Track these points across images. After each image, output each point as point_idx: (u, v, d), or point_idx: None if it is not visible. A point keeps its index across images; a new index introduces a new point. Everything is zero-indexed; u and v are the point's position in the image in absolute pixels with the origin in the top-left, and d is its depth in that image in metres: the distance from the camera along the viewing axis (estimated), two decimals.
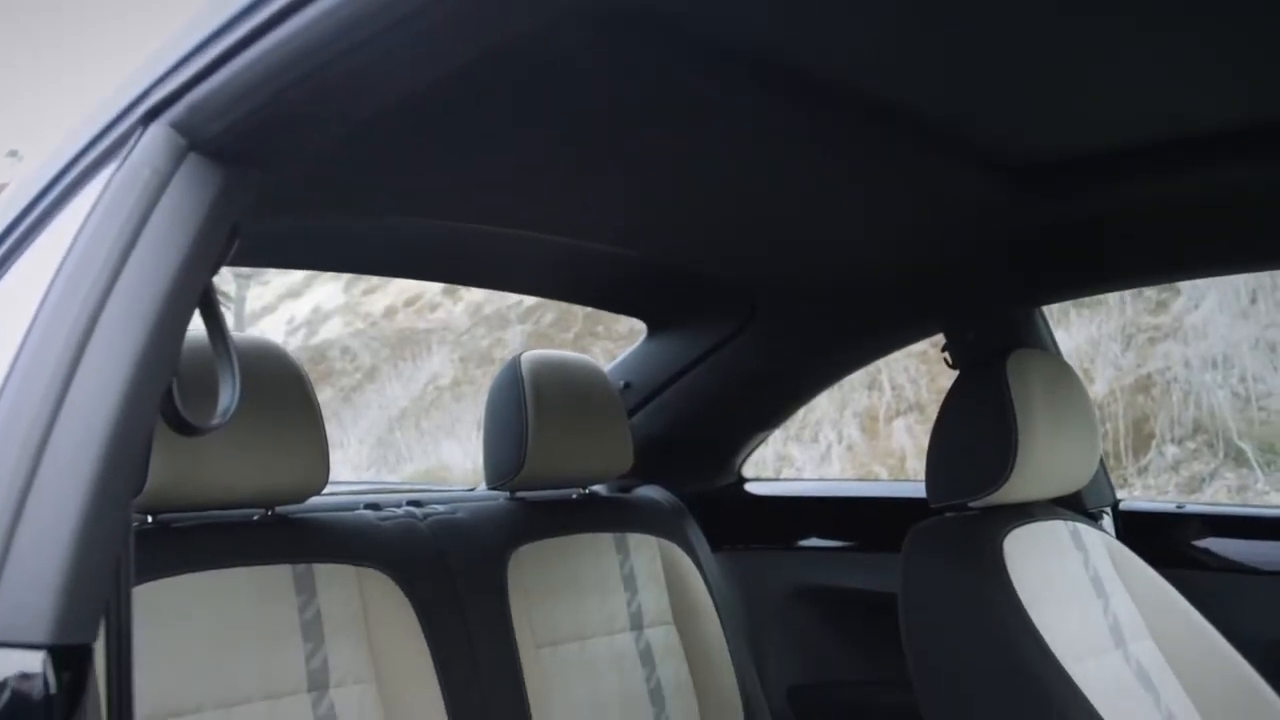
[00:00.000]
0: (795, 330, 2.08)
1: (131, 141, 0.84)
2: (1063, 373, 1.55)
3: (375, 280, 14.10)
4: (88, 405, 0.73)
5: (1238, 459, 5.47)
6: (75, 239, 0.81)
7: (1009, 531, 1.47)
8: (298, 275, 15.62)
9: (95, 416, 0.72)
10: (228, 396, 0.87)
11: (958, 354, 1.88)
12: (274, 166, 0.85)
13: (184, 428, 0.82)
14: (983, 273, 1.77)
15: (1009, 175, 1.37)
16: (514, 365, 1.90)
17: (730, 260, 1.81)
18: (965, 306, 1.91)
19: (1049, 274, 1.78)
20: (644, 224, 1.62)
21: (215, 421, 0.86)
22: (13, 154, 18.31)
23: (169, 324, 0.77)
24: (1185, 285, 6.49)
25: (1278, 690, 1.51)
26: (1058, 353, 1.96)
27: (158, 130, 0.82)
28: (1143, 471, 5.70)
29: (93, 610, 0.70)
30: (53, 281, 0.79)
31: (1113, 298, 6.65)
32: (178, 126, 0.81)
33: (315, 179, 1.31)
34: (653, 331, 2.26)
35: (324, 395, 10.83)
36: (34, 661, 0.66)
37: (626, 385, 2.25)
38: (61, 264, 0.80)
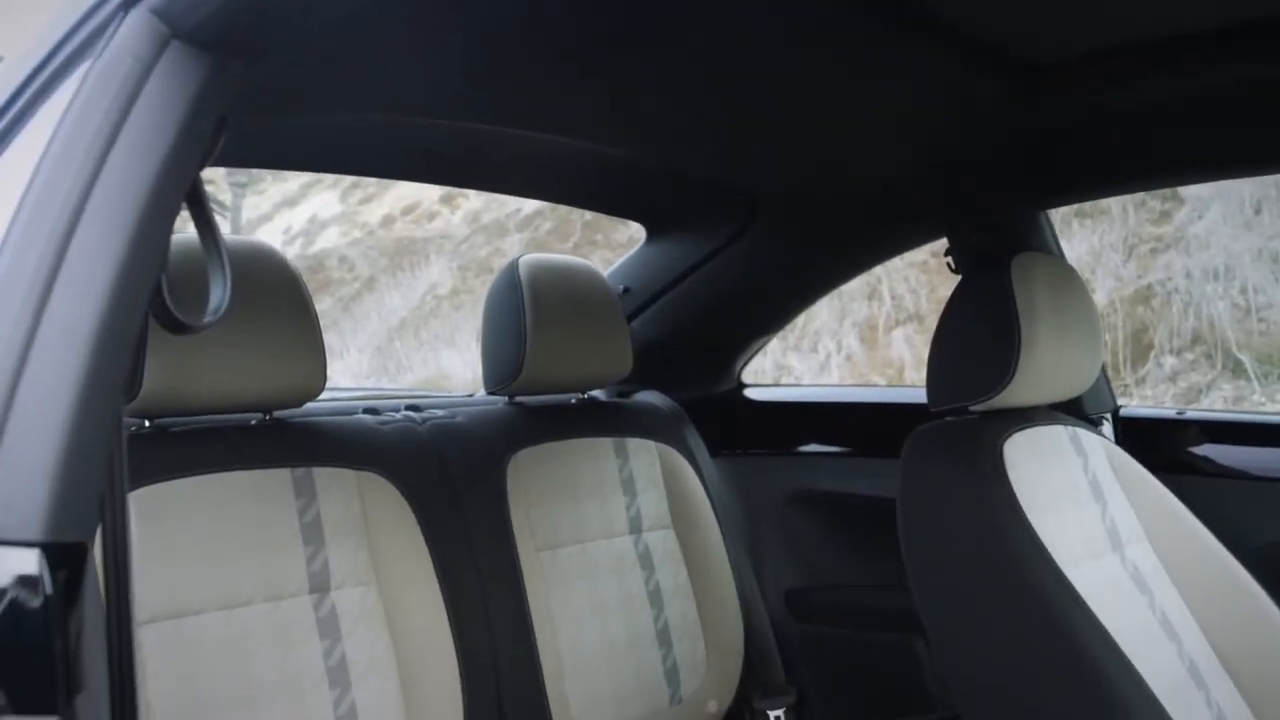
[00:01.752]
0: (797, 234, 2.06)
1: (111, 29, 0.81)
2: (1067, 276, 1.53)
3: (372, 189, 13.99)
4: (74, 300, 0.71)
5: (1235, 370, 5.48)
6: (56, 131, 0.79)
7: (1009, 436, 1.47)
8: (294, 184, 15.49)
9: (82, 311, 0.71)
10: (219, 294, 0.85)
11: (961, 259, 1.86)
12: (260, 55, 0.82)
13: (175, 326, 0.81)
14: (986, 175, 1.74)
15: (1013, 74, 1.34)
16: (512, 269, 1.88)
17: (731, 162, 1.78)
18: (969, 210, 1.89)
19: (1053, 177, 1.75)
20: (643, 125, 1.58)
21: (207, 319, 0.84)
22: None
23: (155, 218, 0.75)
24: (1190, 196, 6.44)
25: (1270, 593, 1.53)
26: (1062, 257, 1.94)
27: (138, 16, 0.79)
28: (1140, 383, 5.72)
29: (87, 507, 0.69)
30: (34, 175, 0.77)
31: (1116, 208, 6.60)
32: (159, 13, 0.79)
33: (308, 75, 1.27)
34: (652, 235, 2.23)
35: (323, 305, 10.84)
36: (29, 559, 0.65)
37: (625, 290, 2.23)
38: (43, 157, 0.78)
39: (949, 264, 1.87)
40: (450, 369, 9.09)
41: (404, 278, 11.40)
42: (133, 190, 0.74)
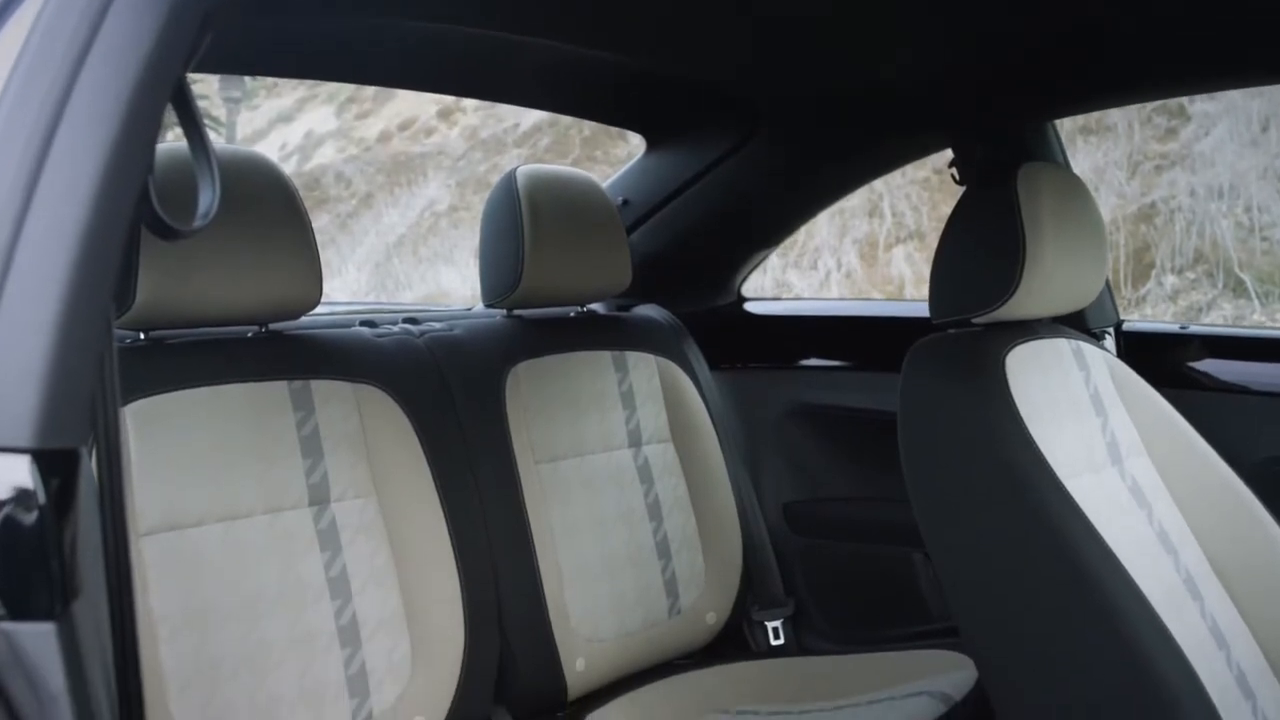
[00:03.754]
0: (799, 144, 2.03)
1: None
2: (1074, 187, 1.50)
3: (368, 104, 13.81)
4: (58, 202, 0.70)
5: (1236, 290, 5.46)
6: (32, 31, 0.76)
7: (1011, 348, 1.45)
8: (289, 99, 15.29)
9: (67, 214, 0.69)
10: (208, 198, 0.83)
11: (965, 170, 1.83)
12: None
13: (164, 231, 0.79)
14: (991, 83, 1.71)
15: None
16: (509, 179, 1.85)
17: (732, 69, 1.74)
18: (974, 120, 1.85)
19: (1060, 86, 1.71)
20: (643, 28, 1.55)
21: (197, 224, 0.82)
22: None
23: (139, 120, 0.73)
24: (1196, 113, 6.36)
25: (1268, 506, 1.53)
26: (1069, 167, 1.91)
27: None
28: (1140, 301, 5.70)
29: (78, 412, 0.68)
30: (11, 76, 0.75)
31: (1121, 124, 6.52)
32: None
33: None
34: (652, 145, 2.20)
35: (320, 222, 10.77)
36: (20, 466, 0.65)
37: (625, 202, 2.21)
38: (19, 58, 0.75)
39: (953, 175, 1.84)
40: (449, 286, 9.06)
41: (401, 194, 11.31)
42: (114, 91, 0.72)
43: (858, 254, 7.14)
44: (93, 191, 0.70)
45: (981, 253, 1.45)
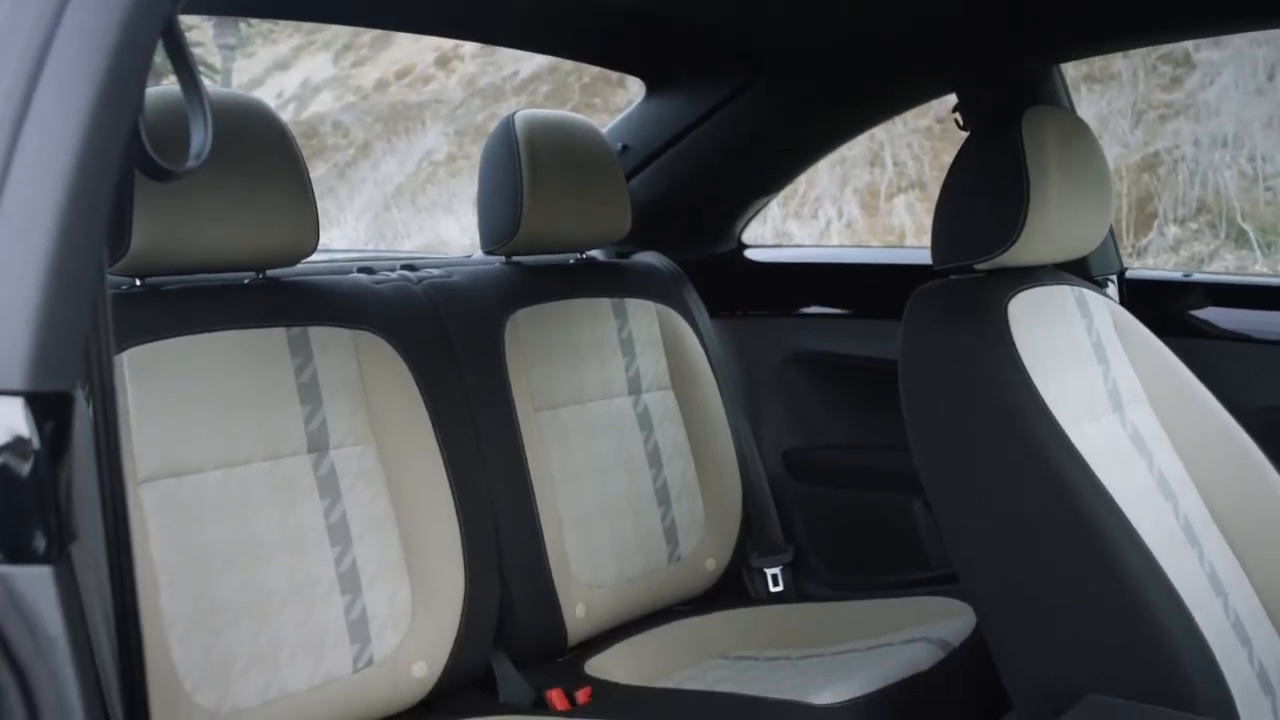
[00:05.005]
0: (801, 88, 2.00)
1: None
2: (1079, 131, 1.48)
3: (365, 51, 13.67)
4: (45, 141, 0.68)
5: (1239, 240, 5.43)
6: None
7: (1014, 295, 1.44)
8: (284, 47, 15.14)
9: (55, 152, 0.68)
10: (200, 138, 0.82)
11: (969, 115, 1.81)
12: None
13: (156, 172, 0.77)
14: (996, 26, 1.68)
15: None
16: (508, 124, 1.83)
17: (733, 12, 1.71)
18: (978, 64, 1.83)
19: (1065, 28, 1.69)
20: None
21: (189, 165, 0.81)
22: None
23: (128, 57, 0.72)
24: (1201, 61, 6.29)
25: (1269, 454, 1.53)
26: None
27: None
28: (1142, 251, 5.68)
29: (71, 355, 0.68)
30: None
31: (1125, 72, 6.45)
32: None
33: None
34: (652, 90, 2.17)
35: (318, 171, 10.71)
36: (13, 409, 0.64)
37: (624, 148, 2.18)
38: None
39: (956, 120, 1.81)
40: (448, 236, 9.02)
41: (399, 143, 11.23)
42: (103, 25, 0.71)
43: (858, 203, 7.09)
44: (82, 130, 0.69)
45: (985, 198, 1.44)
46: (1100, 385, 1.50)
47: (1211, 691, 1.21)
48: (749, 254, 2.41)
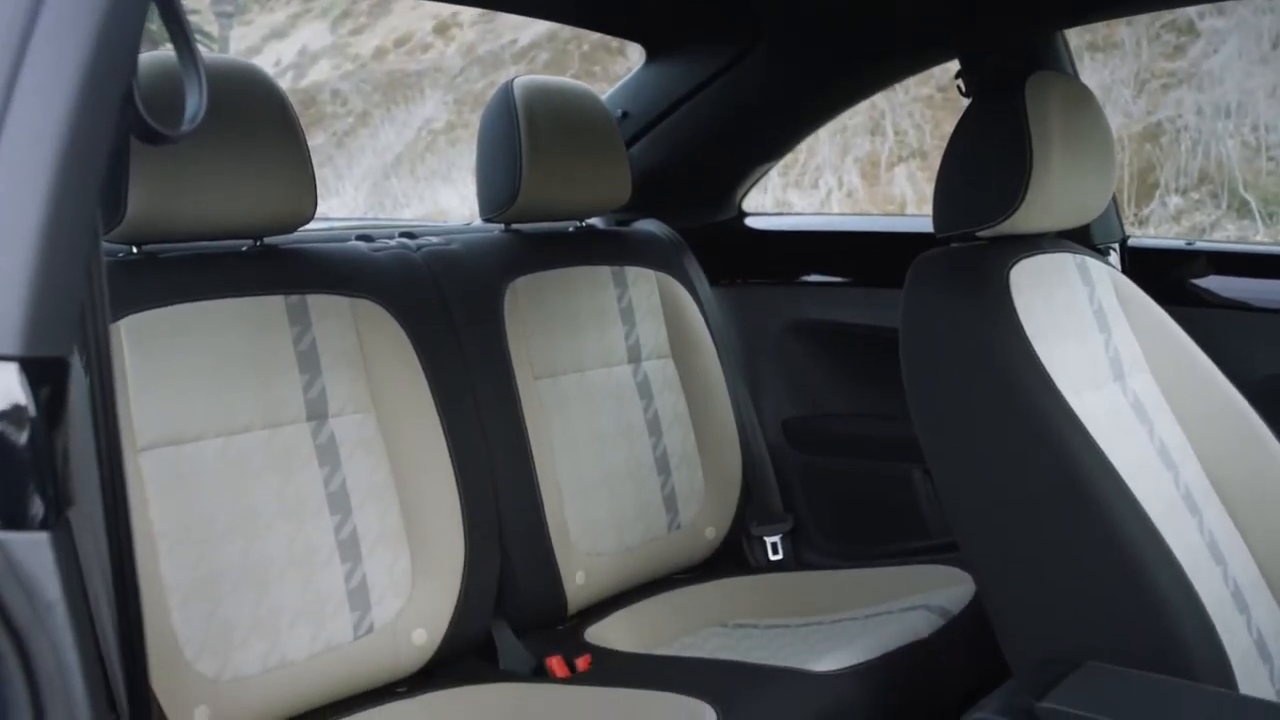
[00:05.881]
0: (803, 53, 1.98)
1: None
2: (1083, 98, 1.47)
3: (363, 18, 13.58)
4: (38, 102, 0.67)
5: (1240, 210, 5.41)
6: None
7: (1016, 262, 1.43)
8: (281, 14, 15.04)
9: (48, 115, 0.67)
10: (194, 102, 0.81)
11: (972, 81, 1.79)
12: None
13: (150, 135, 0.77)
14: None
15: None
16: (506, 90, 1.82)
17: None
18: (981, 30, 1.81)
19: None
20: None
21: (184, 128, 0.80)
22: None
23: (120, 16, 0.71)
24: (1206, 29, 6.24)
25: (1270, 423, 1.52)
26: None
27: None
28: (1143, 221, 5.65)
29: (66, 320, 0.67)
30: None
31: (1129, 40, 6.40)
32: None
33: None
34: (652, 56, 2.15)
35: (316, 140, 10.66)
36: (9, 374, 0.63)
37: (624, 114, 2.17)
38: None
39: (959, 87, 1.80)
40: (447, 206, 8.99)
41: (398, 112, 11.17)
42: None
43: (859, 173, 7.06)
44: (74, 92, 0.68)
45: (987, 164, 1.43)
46: (1102, 354, 1.50)
47: (1210, 659, 1.21)
48: (749, 222, 2.39)
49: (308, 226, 1.55)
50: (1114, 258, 1.93)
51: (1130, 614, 1.24)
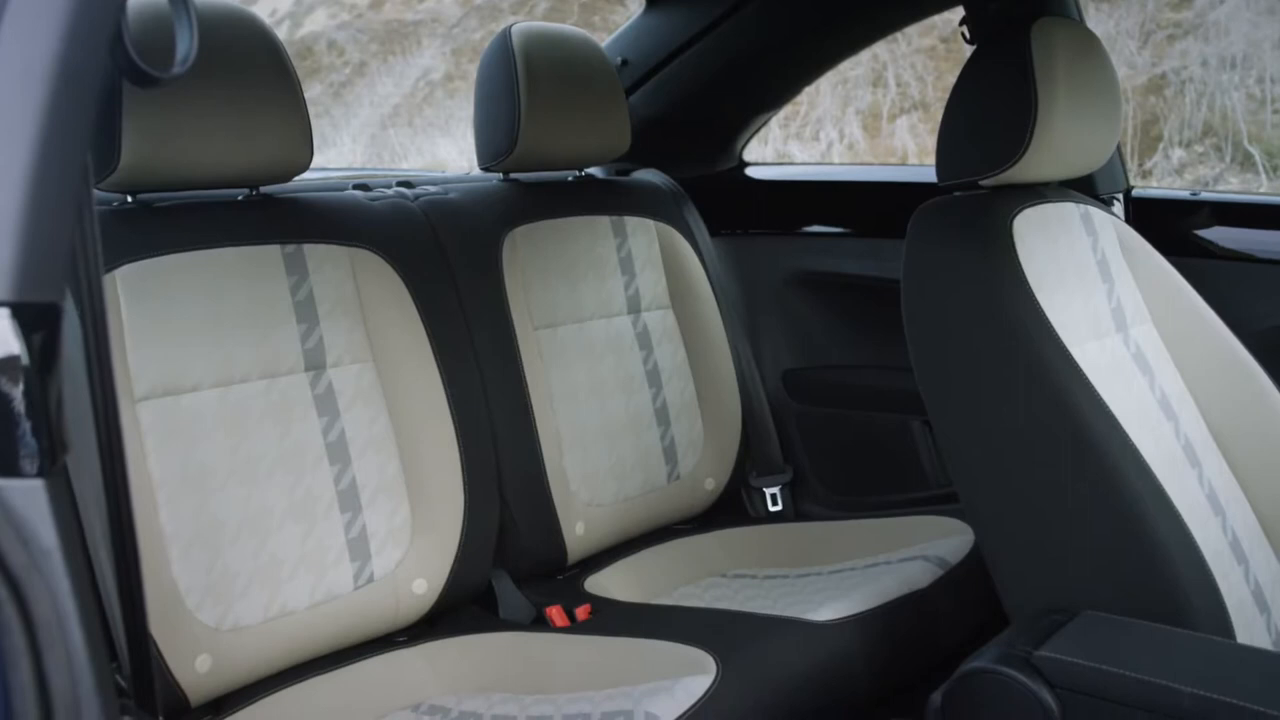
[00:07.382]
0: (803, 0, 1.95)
1: None
2: (1089, 43, 1.45)
3: None
4: (24, 42, 0.66)
5: (1244, 164, 5.38)
6: None
7: (1019, 211, 1.42)
8: None
9: (34, 51, 0.66)
10: (185, 43, 0.79)
11: (977, 27, 1.77)
12: None
13: (140, 77, 0.75)
14: None
15: None
16: (504, 37, 1.79)
17: None
18: None
19: None
20: None
21: (175, 70, 0.78)
22: None
23: None
24: None
25: (1272, 375, 1.52)
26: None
27: None
28: (1146, 175, 5.62)
29: (57, 266, 0.66)
30: None
31: None
32: None
33: None
34: (652, 3, 2.12)
35: (312, 91, 10.57)
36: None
37: (624, 62, 2.14)
38: None
39: (963, 33, 1.77)
40: (446, 157, 8.94)
41: (396, 63, 11.07)
42: None
43: (860, 125, 7.01)
44: (61, 31, 0.66)
45: (991, 111, 1.41)
46: (1104, 304, 1.49)
47: (1208, 609, 1.22)
48: (750, 171, 2.37)
49: (304, 176, 1.53)
50: (1118, 207, 1.92)
51: (1129, 564, 1.24)
